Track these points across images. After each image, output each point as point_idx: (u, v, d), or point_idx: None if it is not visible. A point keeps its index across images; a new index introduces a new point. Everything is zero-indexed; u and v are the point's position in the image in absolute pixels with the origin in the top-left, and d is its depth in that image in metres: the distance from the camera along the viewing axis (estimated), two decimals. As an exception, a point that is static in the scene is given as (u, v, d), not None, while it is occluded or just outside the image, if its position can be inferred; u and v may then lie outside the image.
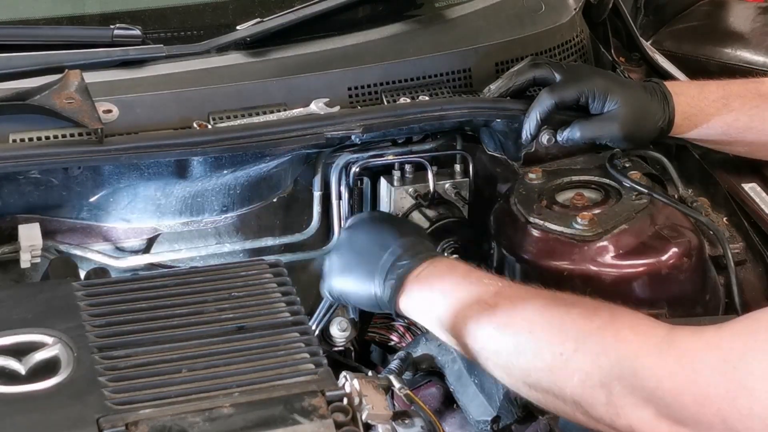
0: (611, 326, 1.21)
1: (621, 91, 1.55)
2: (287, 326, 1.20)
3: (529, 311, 1.28)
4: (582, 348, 1.21)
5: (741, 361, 1.09)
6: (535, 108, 1.54)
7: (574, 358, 1.21)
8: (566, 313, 1.25)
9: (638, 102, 1.55)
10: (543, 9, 1.78)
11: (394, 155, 1.62)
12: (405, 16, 1.71)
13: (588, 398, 1.20)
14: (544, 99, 1.54)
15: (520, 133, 1.56)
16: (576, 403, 1.22)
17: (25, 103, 1.38)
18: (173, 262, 1.55)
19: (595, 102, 1.54)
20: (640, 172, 1.58)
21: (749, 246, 1.60)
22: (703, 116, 1.58)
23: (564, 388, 1.22)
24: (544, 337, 1.25)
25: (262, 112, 1.52)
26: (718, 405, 1.10)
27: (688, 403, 1.12)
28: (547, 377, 1.24)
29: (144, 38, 1.57)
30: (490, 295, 1.31)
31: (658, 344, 1.17)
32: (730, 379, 1.09)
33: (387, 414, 1.15)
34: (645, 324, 1.21)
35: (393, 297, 1.38)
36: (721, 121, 1.58)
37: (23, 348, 1.14)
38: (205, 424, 1.05)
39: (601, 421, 1.20)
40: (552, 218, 1.49)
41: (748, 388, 1.08)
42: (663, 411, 1.14)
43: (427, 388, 1.59)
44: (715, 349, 1.12)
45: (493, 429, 1.48)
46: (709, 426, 1.11)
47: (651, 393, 1.15)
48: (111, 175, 1.48)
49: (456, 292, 1.34)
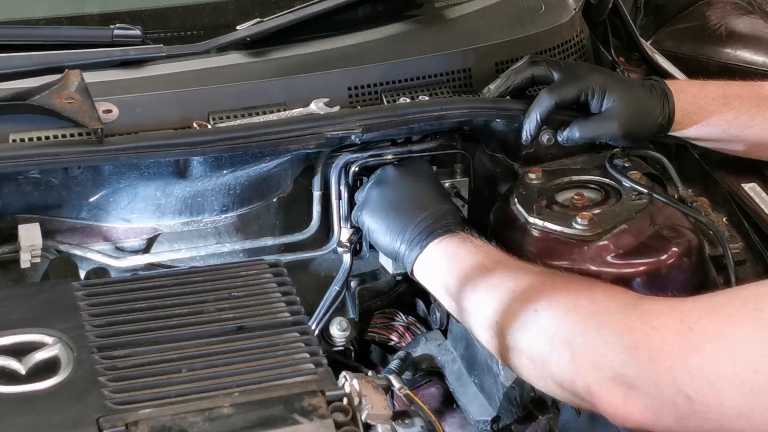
0: (587, 290, 1.26)
1: (620, 88, 1.55)
2: (287, 326, 1.20)
3: (519, 277, 1.32)
4: (554, 305, 1.25)
5: (697, 323, 1.12)
6: (535, 108, 1.54)
7: (546, 313, 1.25)
8: (551, 279, 1.31)
9: (637, 99, 1.55)
10: (543, 9, 1.78)
11: (394, 155, 1.62)
12: (405, 16, 1.71)
13: (554, 356, 1.23)
14: (544, 99, 1.54)
15: (520, 133, 1.57)
16: (544, 363, 1.24)
17: (25, 103, 1.38)
18: (173, 262, 1.55)
19: (594, 100, 1.54)
20: (640, 172, 1.58)
21: (749, 246, 1.60)
22: (704, 114, 1.59)
23: (534, 346, 1.25)
24: (523, 296, 1.28)
25: (262, 112, 1.52)
26: (670, 362, 1.12)
27: (643, 359, 1.14)
28: (522, 335, 1.27)
29: (144, 38, 1.57)
30: (490, 262, 1.36)
31: (625, 303, 1.20)
32: (684, 338, 1.12)
33: (387, 414, 1.15)
34: (619, 290, 1.26)
35: (414, 261, 1.44)
36: (722, 119, 1.58)
37: (23, 348, 1.14)
38: (205, 424, 1.05)
39: (563, 384, 1.23)
40: (552, 218, 1.49)
41: (699, 348, 1.10)
42: (618, 370, 1.16)
43: (427, 388, 1.60)
44: (676, 310, 1.15)
45: (493, 429, 1.48)
46: (660, 388, 1.13)
47: (610, 349, 1.17)
48: (111, 175, 1.48)
49: (462, 259, 1.39)
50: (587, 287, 1.27)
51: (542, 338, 1.24)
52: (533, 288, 1.29)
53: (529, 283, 1.30)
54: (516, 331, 1.27)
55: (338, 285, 1.61)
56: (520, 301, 1.28)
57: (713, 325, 1.11)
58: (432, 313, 1.64)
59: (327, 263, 1.64)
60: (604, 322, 1.19)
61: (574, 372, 1.20)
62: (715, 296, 1.16)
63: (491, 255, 1.39)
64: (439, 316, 1.62)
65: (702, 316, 1.12)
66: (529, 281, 1.31)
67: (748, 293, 1.12)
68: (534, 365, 1.26)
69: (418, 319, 1.69)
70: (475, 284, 1.35)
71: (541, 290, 1.28)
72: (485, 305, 1.32)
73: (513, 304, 1.29)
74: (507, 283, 1.32)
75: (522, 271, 1.34)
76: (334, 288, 1.61)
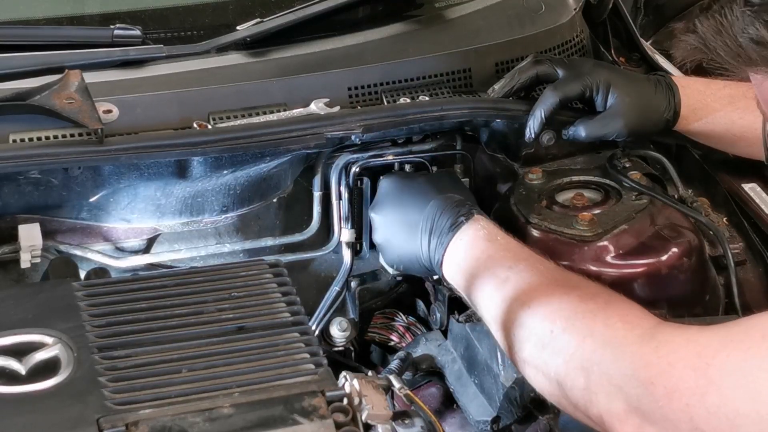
0: (603, 312, 1.23)
1: (624, 83, 1.55)
2: (287, 326, 1.20)
3: (534, 287, 1.30)
4: (571, 328, 1.23)
5: (714, 358, 1.09)
6: (540, 106, 1.54)
7: (562, 337, 1.23)
8: (566, 293, 1.28)
9: (642, 94, 1.55)
10: (543, 9, 1.78)
11: (394, 155, 1.62)
12: (405, 16, 1.71)
13: (569, 380, 1.22)
14: (548, 96, 1.54)
15: (523, 132, 1.57)
16: (559, 384, 1.23)
17: (25, 103, 1.38)
18: (173, 262, 1.55)
19: (599, 96, 1.54)
20: (640, 172, 1.58)
21: (749, 246, 1.60)
22: (709, 110, 1.58)
23: (549, 365, 1.24)
24: (539, 313, 1.27)
25: (262, 112, 1.52)
26: (687, 399, 1.10)
27: (659, 395, 1.12)
28: (537, 353, 1.26)
29: (144, 38, 1.57)
30: (505, 269, 1.34)
31: (641, 334, 1.18)
32: (701, 375, 1.09)
33: (387, 414, 1.15)
34: (635, 314, 1.22)
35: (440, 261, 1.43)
36: (727, 117, 1.58)
37: (23, 348, 1.14)
38: (205, 424, 1.05)
39: (577, 406, 1.21)
40: (552, 218, 1.49)
41: (717, 385, 1.08)
42: (633, 403, 1.14)
43: (427, 388, 1.60)
44: (693, 344, 1.13)
45: (493, 429, 1.48)
46: (676, 425, 1.11)
47: (625, 381, 1.15)
48: (111, 175, 1.48)
49: (477, 258, 1.38)
50: (602, 308, 1.24)
51: (558, 360, 1.23)
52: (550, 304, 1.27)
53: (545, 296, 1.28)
54: (533, 348, 1.26)
55: (338, 285, 1.61)
56: (536, 317, 1.27)
57: (731, 360, 1.08)
58: (432, 314, 1.64)
59: (327, 263, 1.65)
60: (620, 353, 1.17)
61: (587, 399, 1.19)
62: (732, 327, 1.13)
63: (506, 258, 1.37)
64: (440, 316, 1.62)
65: (720, 350, 1.10)
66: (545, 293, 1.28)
67: (766, 324, 1.10)
68: (549, 382, 1.25)
69: (418, 320, 1.69)
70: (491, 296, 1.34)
71: (558, 308, 1.26)
72: (503, 320, 1.31)
73: (529, 321, 1.27)
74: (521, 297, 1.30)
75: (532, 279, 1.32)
76: (334, 288, 1.61)
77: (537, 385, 1.29)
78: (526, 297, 1.29)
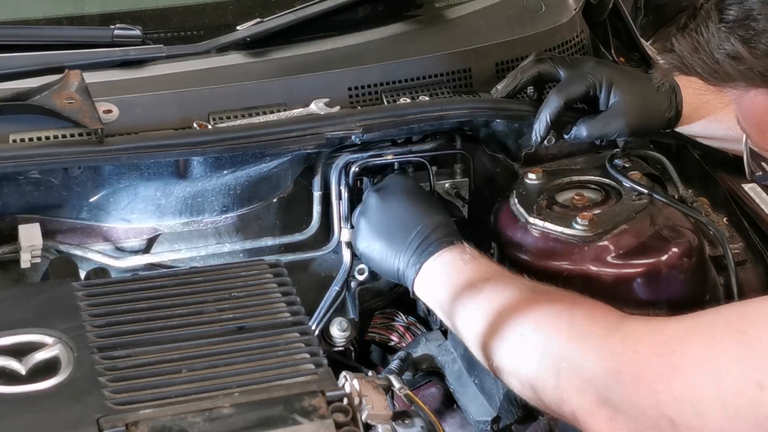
0: (568, 311, 1.25)
1: (626, 82, 1.55)
2: (287, 326, 1.20)
3: (506, 296, 1.31)
4: (538, 329, 1.25)
5: (680, 346, 1.11)
6: (545, 109, 1.54)
7: (531, 338, 1.25)
8: (534, 298, 1.30)
9: (644, 93, 1.55)
10: (543, 9, 1.78)
11: (394, 155, 1.61)
12: (405, 16, 1.71)
13: (540, 382, 1.23)
14: (553, 100, 1.54)
15: (523, 132, 1.57)
16: (532, 387, 1.25)
17: (25, 103, 1.38)
18: (173, 262, 1.55)
19: (602, 94, 1.54)
20: (640, 172, 1.58)
21: (749, 246, 1.60)
22: (711, 109, 1.58)
23: (521, 370, 1.26)
24: (510, 318, 1.28)
25: (262, 113, 1.52)
26: (653, 386, 1.11)
27: (626, 383, 1.13)
28: (510, 359, 1.27)
29: (144, 38, 1.57)
30: (479, 280, 1.35)
31: (607, 327, 1.20)
32: (666, 361, 1.11)
33: (387, 414, 1.15)
34: (601, 310, 1.24)
35: (413, 279, 1.43)
36: (728, 117, 1.58)
37: (23, 348, 1.14)
38: (205, 424, 1.05)
39: (551, 407, 1.23)
40: (552, 218, 1.49)
41: (682, 371, 1.09)
42: (603, 394, 1.16)
43: (427, 388, 1.60)
44: (658, 333, 1.14)
45: (493, 429, 1.48)
46: (644, 412, 1.12)
47: (593, 374, 1.17)
48: (111, 175, 1.48)
49: (454, 276, 1.38)
50: (568, 308, 1.26)
51: (529, 364, 1.25)
52: (519, 309, 1.29)
53: (515, 303, 1.30)
54: (505, 354, 1.28)
55: (338, 285, 1.61)
56: (506, 324, 1.28)
57: (696, 347, 1.10)
58: (432, 314, 1.64)
59: (327, 263, 1.64)
60: (587, 346, 1.19)
61: (560, 398, 1.21)
62: (698, 317, 1.15)
63: (481, 270, 1.38)
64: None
65: (684, 338, 1.12)
66: (516, 300, 1.30)
67: (731, 314, 1.11)
68: (523, 387, 1.27)
69: (418, 320, 1.69)
70: (464, 305, 1.35)
71: (526, 312, 1.28)
72: (476, 329, 1.33)
73: (500, 327, 1.29)
74: (493, 305, 1.31)
75: (509, 288, 1.33)
76: (334, 288, 1.61)
77: (515, 390, 1.30)
78: (498, 308, 1.30)
